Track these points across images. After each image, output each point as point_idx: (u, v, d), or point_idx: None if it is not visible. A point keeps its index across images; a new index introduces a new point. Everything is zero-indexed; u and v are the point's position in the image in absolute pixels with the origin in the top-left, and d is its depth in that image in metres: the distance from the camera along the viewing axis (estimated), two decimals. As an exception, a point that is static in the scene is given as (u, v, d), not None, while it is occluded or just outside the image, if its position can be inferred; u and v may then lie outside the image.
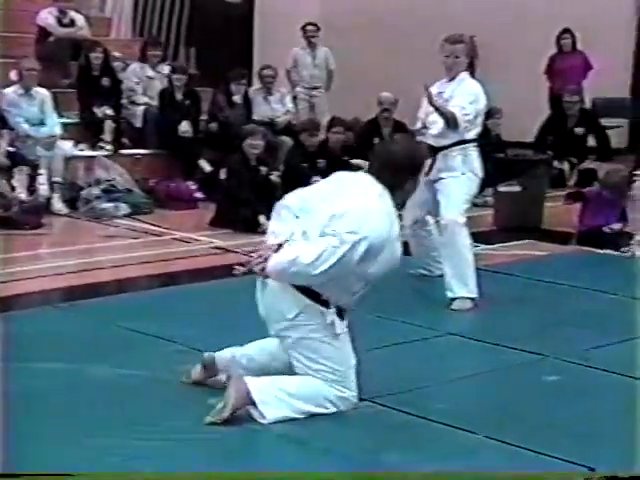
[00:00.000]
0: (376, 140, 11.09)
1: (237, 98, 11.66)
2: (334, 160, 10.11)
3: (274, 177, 9.82)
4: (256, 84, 12.72)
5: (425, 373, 5.28)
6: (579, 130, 12.33)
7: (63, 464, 4.03)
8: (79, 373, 5.16)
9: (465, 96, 6.73)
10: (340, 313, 4.60)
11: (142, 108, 11.71)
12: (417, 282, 7.29)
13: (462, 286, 6.75)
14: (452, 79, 6.85)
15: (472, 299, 6.77)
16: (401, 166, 4.59)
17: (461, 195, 6.86)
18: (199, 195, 10.68)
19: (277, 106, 12.40)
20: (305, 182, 9.28)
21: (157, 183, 10.80)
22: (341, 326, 4.58)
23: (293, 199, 4.74)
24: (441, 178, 6.87)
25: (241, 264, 4.62)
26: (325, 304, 4.55)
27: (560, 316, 6.56)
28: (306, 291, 4.52)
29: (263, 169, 9.76)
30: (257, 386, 4.55)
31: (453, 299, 6.75)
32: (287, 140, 11.41)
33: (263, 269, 4.47)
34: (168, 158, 11.27)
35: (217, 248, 8.59)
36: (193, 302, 6.76)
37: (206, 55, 14.44)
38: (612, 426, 4.66)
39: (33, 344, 5.46)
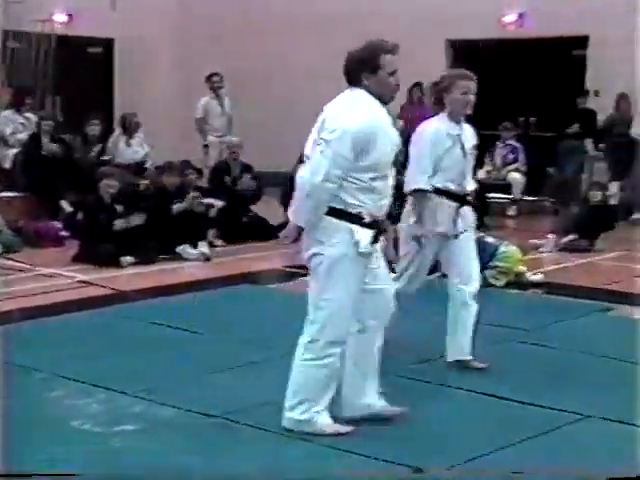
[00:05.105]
0: (227, 178, 11.13)
1: (93, 141, 11.67)
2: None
3: (138, 219, 9.65)
4: (117, 130, 12.65)
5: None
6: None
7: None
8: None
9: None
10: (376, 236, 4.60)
11: (12, 152, 11.59)
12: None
13: None
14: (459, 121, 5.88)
15: None
16: (354, 65, 4.62)
17: None
18: (64, 233, 10.60)
19: (138, 149, 12.38)
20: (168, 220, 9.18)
21: (26, 223, 10.68)
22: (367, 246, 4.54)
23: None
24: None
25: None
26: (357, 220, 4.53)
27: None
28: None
29: (119, 208, 9.67)
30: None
31: None
32: (146, 182, 11.39)
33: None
34: (35, 200, 11.15)
35: (81, 282, 8.57)
36: (60, 333, 6.74)
37: (71, 103, 14.32)
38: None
39: None
